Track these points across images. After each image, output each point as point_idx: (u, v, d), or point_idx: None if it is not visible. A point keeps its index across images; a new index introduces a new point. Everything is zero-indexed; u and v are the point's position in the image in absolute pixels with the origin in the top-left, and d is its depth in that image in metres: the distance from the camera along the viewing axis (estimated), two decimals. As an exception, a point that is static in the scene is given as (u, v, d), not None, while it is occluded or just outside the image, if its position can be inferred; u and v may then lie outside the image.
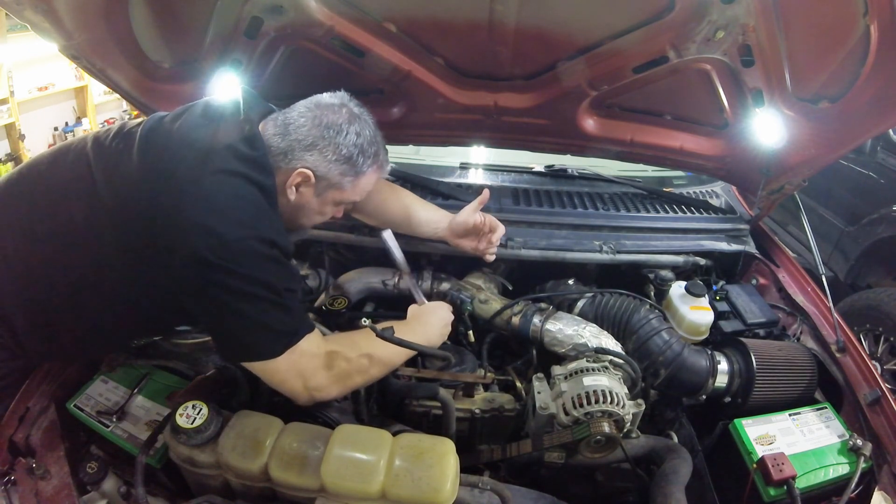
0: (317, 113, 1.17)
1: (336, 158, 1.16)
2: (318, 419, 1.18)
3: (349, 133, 1.16)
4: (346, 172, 1.19)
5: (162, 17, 1.45)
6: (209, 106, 1.20)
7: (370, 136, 1.21)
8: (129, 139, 1.14)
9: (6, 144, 5.26)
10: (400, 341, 1.15)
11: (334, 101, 1.20)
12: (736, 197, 2.12)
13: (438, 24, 1.50)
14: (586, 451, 1.25)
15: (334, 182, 1.19)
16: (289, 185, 1.17)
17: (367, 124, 1.21)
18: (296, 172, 1.15)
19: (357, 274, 1.68)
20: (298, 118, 1.17)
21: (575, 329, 1.42)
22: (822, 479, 1.20)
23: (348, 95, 1.23)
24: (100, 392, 1.26)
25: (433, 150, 2.21)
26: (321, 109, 1.18)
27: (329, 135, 1.15)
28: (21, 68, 5.05)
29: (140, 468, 1.07)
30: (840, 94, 1.34)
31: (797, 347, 1.47)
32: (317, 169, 1.16)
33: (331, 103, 1.19)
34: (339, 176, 1.18)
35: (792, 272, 1.72)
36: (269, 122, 1.20)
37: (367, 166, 1.21)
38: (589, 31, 1.48)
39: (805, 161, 1.54)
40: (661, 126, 1.79)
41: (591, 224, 1.77)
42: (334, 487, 0.96)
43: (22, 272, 1.13)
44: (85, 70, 1.41)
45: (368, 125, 1.21)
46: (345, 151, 1.16)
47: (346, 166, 1.18)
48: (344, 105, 1.20)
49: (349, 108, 1.19)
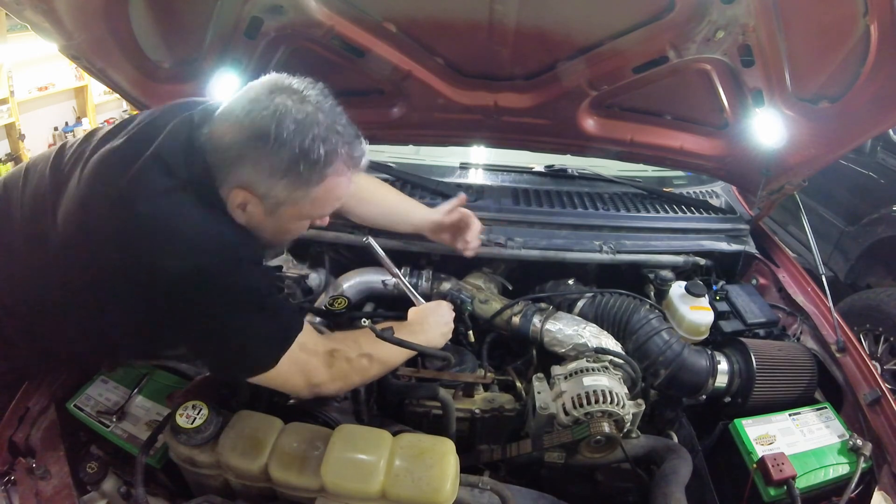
0: (239, 114, 0.93)
1: (271, 174, 0.93)
2: (318, 419, 1.18)
3: (282, 137, 0.90)
4: (292, 186, 0.95)
5: (162, 17, 1.45)
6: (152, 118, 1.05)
7: (321, 131, 0.93)
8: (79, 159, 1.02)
9: (6, 144, 5.26)
10: (400, 341, 1.15)
11: (262, 90, 0.94)
12: (736, 197, 2.11)
13: (438, 24, 1.50)
14: (586, 451, 1.25)
15: (282, 199, 0.97)
16: (231, 208, 0.98)
17: (314, 111, 0.93)
18: (233, 193, 0.96)
19: (357, 274, 1.68)
20: (223, 122, 0.95)
21: (575, 329, 1.42)
22: (822, 479, 1.19)
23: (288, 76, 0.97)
24: (100, 392, 1.26)
25: (433, 150, 2.21)
26: (249, 104, 0.93)
27: (257, 144, 0.91)
28: (21, 68, 5.05)
29: (140, 468, 1.06)
30: (840, 94, 1.34)
31: (797, 347, 1.47)
32: (253, 187, 0.95)
33: (257, 95, 0.93)
34: (286, 191, 0.95)
35: (792, 272, 1.72)
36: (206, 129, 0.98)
37: (321, 172, 0.95)
38: (589, 31, 1.48)
39: (805, 161, 1.54)
40: (661, 126, 1.79)
41: (591, 224, 1.77)
42: (334, 487, 0.96)
43: (5, 281, 1.09)
44: (85, 70, 1.41)
45: (320, 110, 0.94)
46: (280, 164, 0.92)
47: (289, 179, 0.94)
48: (275, 92, 0.93)
49: (284, 98, 0.92)
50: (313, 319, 1.47)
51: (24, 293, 1.07)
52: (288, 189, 0.95)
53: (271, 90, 0.94)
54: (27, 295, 1.07)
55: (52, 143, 5.75)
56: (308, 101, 0.94)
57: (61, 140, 5.74)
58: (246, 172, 0.94)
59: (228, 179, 0.95)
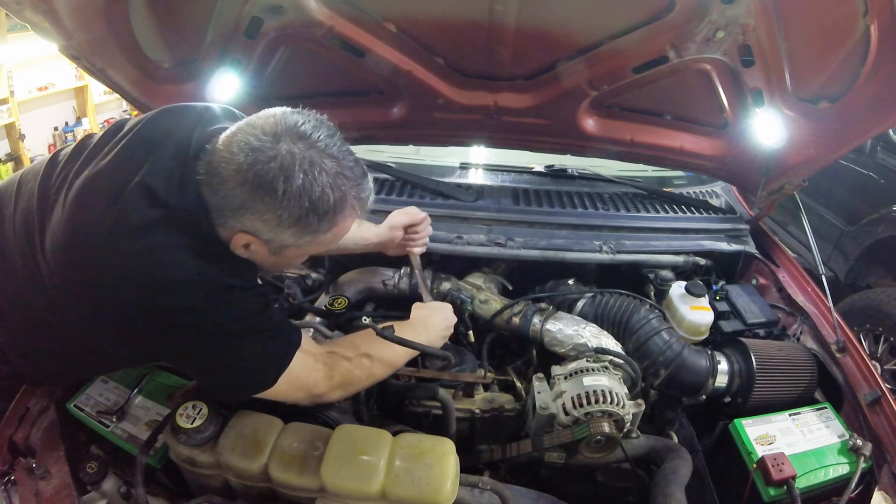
0: (241, 163, 0.86)
1: (278, 224, 0.89)
2: (318, 419, 1.17)
3: (291, 191, 0.86)
4: (300, 234, 0.92)
5: (162, 17, 1.45)
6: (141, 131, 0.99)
7: (330, 179, 0.88)
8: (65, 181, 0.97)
9: (6, 144, 5.26)
10: (401, 340, 1.15)
11: (266, 137, 0.87)
12: (736, 197, 2.12)
13: (438, 24, 1.50)
14: (586, 451, 1.25)
15: (288, 244, 0.94)
16: (233, 247, 0.95)
17: (321, 158, 0.88)
18: (236, 236, 0.93)
19: (357, 274, 1.68)
20: (223, 167, 0.88)
21: (575, 329, 1.42)
22: (822, 479, 1.19)
23: (293, 114, 0.90)
24: (100, 392, 1.26)
25: (433, 150, 2.21)
26: (252, 153, 0.86)
27: (262, 198, 0.87)
28: (21, 68, 5.05)
29: (140, 468, 1.06)
30: (840, 94, 1.34)
31: (797, 347, 1.47)
32: (258, 234, 0.92)
33: (261, 143, 0.86)
34: (293, 238, 0.93)
35: (792, 272, 1.72)
36: (203, 159, 0.92)
37: (331, 221, 0.92)
38: (589, 31, 1.48)
39: (805, 161, 1.54)
40: (661, 126, 1.79)
41: (591, 224, 1.77)
42: (334, 487, 0.96)
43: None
44: (85, 70, 1.41)
45: (327, 156, 0.88)
46: (289, 218, 0.88)
47: (295, 229, 0.91)
48: (280, 137, 0.86)
49: (290, 144, 0.86)
50: (313, 319, 1.47)
51: (19, 296, 1.05)
52: (295, 237, 0.93)
53: (276, 135, 0.87)
54: (22, 298, 1.05)
55: (52, 143, 5.76)
56: (316, 145, 0.88)
57: (61, 140, 5.76)
58: (249, 221, 0.90)
59: (229, 224, 0.92)
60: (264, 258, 0.99)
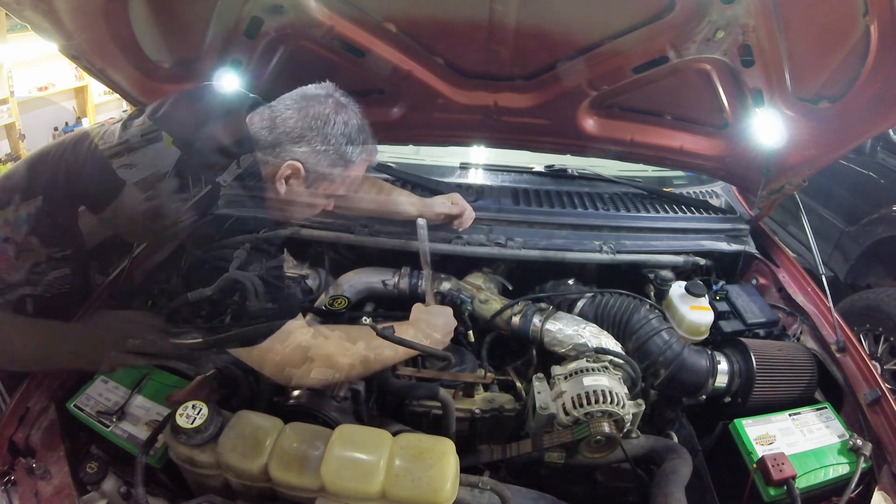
0: (303, 104, 1.18)
1: (325, 149, 1.18)
2: (318, 419, 1.18)
3: (337, 123, 1.17)
4: (335, 163, 1.20)
5: (162, 17, 1.45)
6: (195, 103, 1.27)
7: (357, 125, 1.22)
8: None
9: (6, 144, 5.25)
10: (401, 340, 1.16)
11: (320, 91, 1.21)
12: (736, 197, 2.12)
13: (438, 24, 1.50)
14: (586, 451, 1.25)
15: (324, 173, 1.21)
16: (278, 179, 1.19)
17: (354, 114, 1.22)
18: (285, 165, 1.17)
19: (357, 274, 1.68)
20: (285, 111, 1.19)
21: (575, 329, 1.42)
22: (822, 479, 1.19)
23: (333, 86, 1.23)
24: (100, 392, 1.26)
25: (433, 150, 2.21)
26: (307, 101, 1.19)
27: (317, 125, 1.16)
28: (21, 68, 5.04)
29: (140, 468, 1.06)
30: (840, 94, 1.34)
31: (797, 347, 1.47)
32: (306, 161, 1.18)
33: (316, 94, 1.20)
34: (329, 167, 1.20)
35: (792, 272, 1.72)
36: (256, 115, 1.22)
37: (356, 156, 1.22)
38: (589, 31, 1.48)
39: (805, 161, 1.54)
40: (661, 126, 1.79)
41: (591, 224, 1.77)
42: (334, 487, 0.96)
43: None
44: (85, 70, 1.41)
45: (356, 114, 1.22)
46: (333, 142, 1.18)
47: (335, 157, 1.19)
48: (330, 95, 1.20)
49: (335, 98, 1.20)
50: (313, 320, 1.47)
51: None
52: (331, 165, 1.20)
53: (327, 93, 1.20)
54: None
55: (52, 144, 5.75)
56: (350, 106, 1.22)
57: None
58: (302, 148, 1.17)
59: (284, 153, 1.17)
60: (298, 194, 1.22)
